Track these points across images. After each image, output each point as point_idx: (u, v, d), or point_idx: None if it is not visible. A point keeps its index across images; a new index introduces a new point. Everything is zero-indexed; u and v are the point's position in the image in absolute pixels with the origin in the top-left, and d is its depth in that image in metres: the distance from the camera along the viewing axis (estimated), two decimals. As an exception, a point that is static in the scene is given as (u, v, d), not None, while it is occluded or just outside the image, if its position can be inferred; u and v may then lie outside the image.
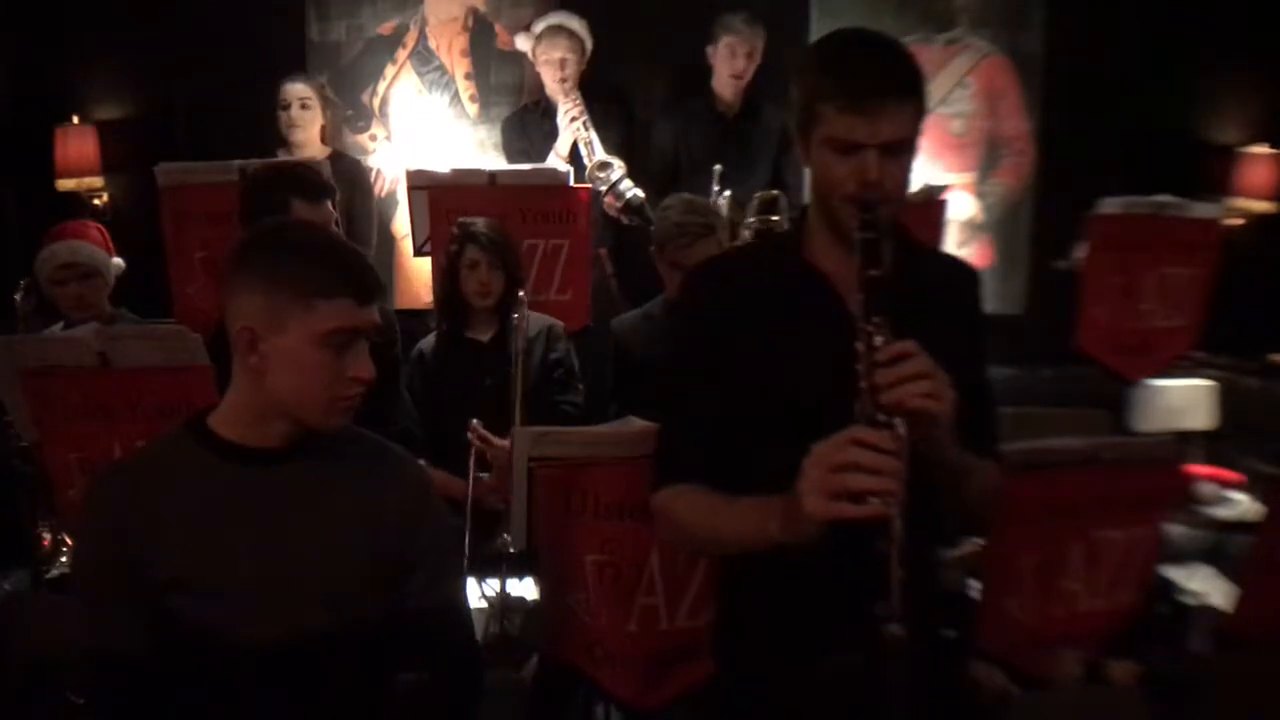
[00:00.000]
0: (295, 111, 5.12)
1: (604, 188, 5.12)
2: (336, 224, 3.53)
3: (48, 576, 3.71)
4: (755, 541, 1.99)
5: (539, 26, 5.45)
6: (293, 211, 3.25)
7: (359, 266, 2.07)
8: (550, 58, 5.36)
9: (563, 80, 5.34)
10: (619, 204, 5.15)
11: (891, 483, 1.79)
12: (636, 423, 2.91)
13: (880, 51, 2.05)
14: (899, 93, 1.99)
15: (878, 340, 1.87)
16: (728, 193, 4.74)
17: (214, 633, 2.02)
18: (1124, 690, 3.04)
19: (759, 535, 1.97)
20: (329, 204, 3.39)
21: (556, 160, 5.25)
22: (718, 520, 2.07)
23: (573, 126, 5.24)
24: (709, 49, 5.43)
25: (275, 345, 2.00)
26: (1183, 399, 4.92)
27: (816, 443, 1.87)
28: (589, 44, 5.43)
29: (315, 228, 2.29)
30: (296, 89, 5.14)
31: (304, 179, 3.37)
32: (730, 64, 5.35)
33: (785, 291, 2.16)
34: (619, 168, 5.14)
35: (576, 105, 5.25)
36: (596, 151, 5.19)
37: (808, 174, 2.18)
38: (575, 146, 5.26)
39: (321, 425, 2.06)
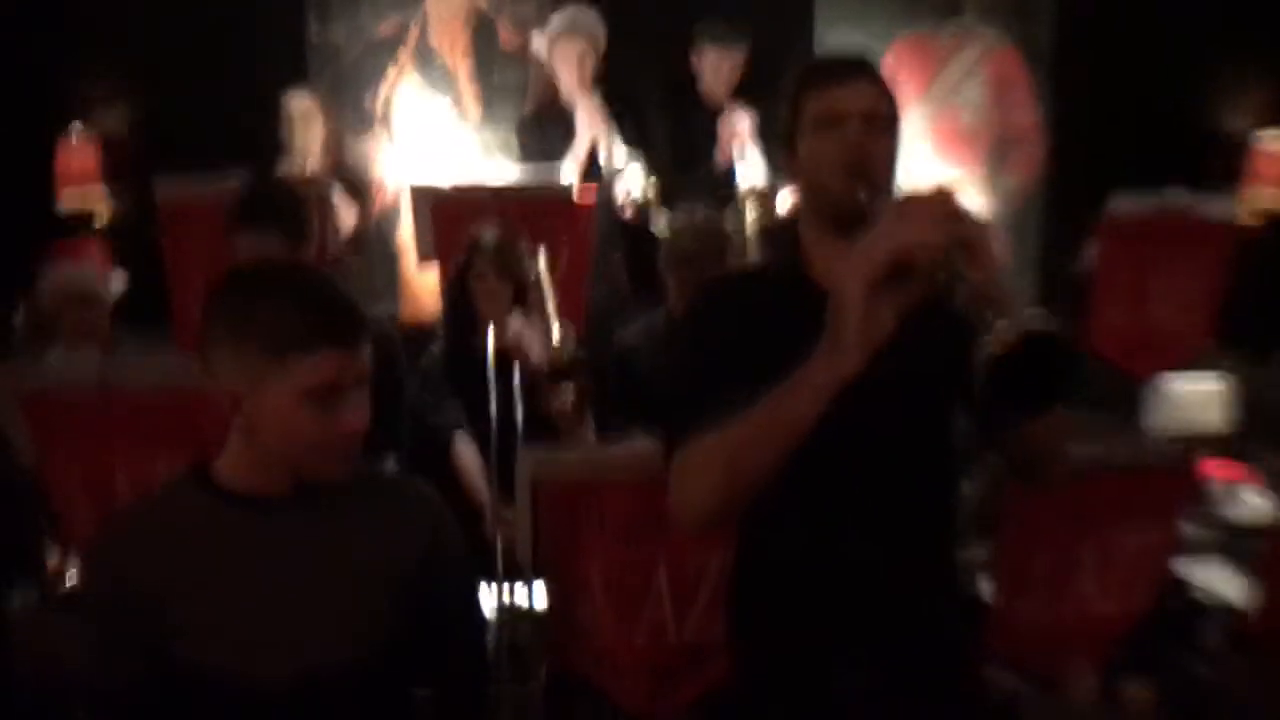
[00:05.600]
0: (297, 125, 5.10)
1: (622, 193, 5.10)
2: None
3: (56, 594, 3.70)
4: (794, 414, 1.85)
5: (555, 24, 5.40)
6: (239, 236, 3.24)
7: (338, 309, 1.90)
8: (568, 55, 5.31)
9: (581, 78, 5.30)
10: (626, 201, 5.12)
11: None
12: (642, 442, 2.89)
13: (849, 53, 2.31)
14: (870, 72, 2.14)
15: None
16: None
17: (226, 677, 1.97)
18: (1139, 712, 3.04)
19: (799, 400, 1.84)
20: (276, 231, 3.34)
21: (573, 163, 5.20)
22: (747, 424, 1.92)
23: (592, 129, 5.21)
24: (693, 56, 5.43)
25: (258, 405, 1.88)
26: (1195, 397, 4.88)
27: (820, 457, 1.87)
28: (603, 41, 5.40)
29: (285, 268, 2.08)
30: (297, 102, 5.12)
31: (251, 206, 3.35)
32: (716, 74, 5.36)
33: (787, 308, 2.14)
34: (635, 169, 5.11)
35: (595, 104, 5.23)
36: (616, 150, 5.16)
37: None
38: (594, 148, 5.24)
39: (321, 477, 1.98)
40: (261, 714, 2.01)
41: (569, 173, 5.11)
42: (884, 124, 2.10)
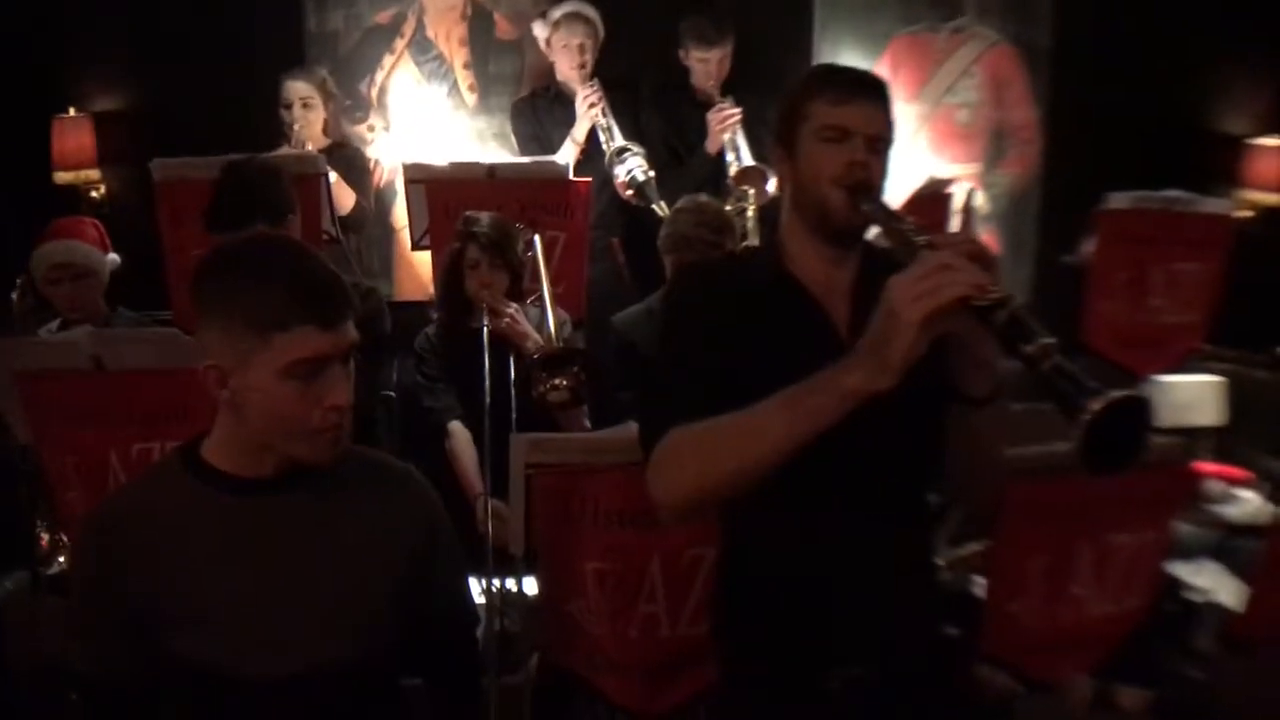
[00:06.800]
0: (297, 111, 5.07)
1: (620, 174, 5.10)
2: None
3: (47, 574, 3.69)
4: (814, 415, 1.86)
5: (557, 13, 5.43)
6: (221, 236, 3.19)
7: (320, 287, 1.90)
8: (570, 44, 5.36)
9: (581, 66, 5.35)
10: (626, 183, 5.11)
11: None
12: (636, 428, 2.87)
13: (864, 71, 2.25)
14: (883, 96, 2.18)
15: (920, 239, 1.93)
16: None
17: (222, 670, 1.95)
18: (1132, 714, 3.03)
19: (823, 402, 1.84)
20: (257, 226, 3.29)
21: (571, 146, 5.26)
22: (756, 416, 1.92)
23: (591, 113, 5.22)
24: (680, 51, 5.43)
25: (242, 382, 1.88)
26: (1191, 394, 4.88)
27: (810, 456, 1.89)
28: (602, 31, 5.44)
29: (273, 246, 2.03)
30: (298, 88, 5.10)
31: (218, 207, 3.34)
32: (703, 70, 5.36)
33: (767, 301, 2.19)
34: (636, 152, 5.12)
35: (595, 92, 5.24)
36: (616, 138, 5.17)
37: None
38: (594, 132, 5.25)
39: (311, 461, 1.96)
40: (253, 706, 1.99)
41: (567, 156, 5.13)
42: (883, 146, 2.15)
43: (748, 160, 5.09)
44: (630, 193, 5.11)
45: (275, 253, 1.96)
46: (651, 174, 5.06)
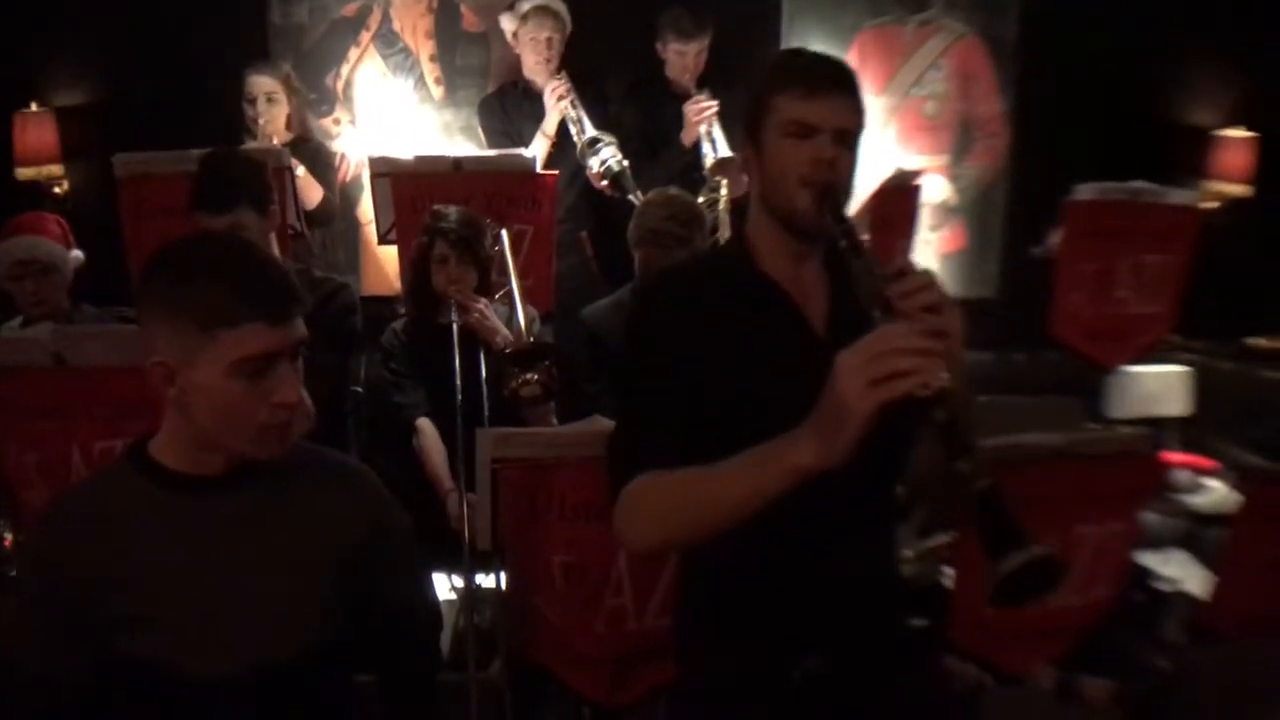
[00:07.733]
0: (261, 105, 5.04)
1: (594, 164, 5.09)
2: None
3: (10, 575, 3.65)
4: (766, 487, 1.84)
5: (525, 6, 5.40)
6: (208, 223, 3.23)
7: (269, 283, 1.89)
8: (537, 38, 5.34)
9: (547, 60, 5.33)
10: (601, 173, 5.10)
11: (937, 353, 1.72)
12: (602, 422, 2.87)
13: (831, 58, 2.16)
14: (850, 87, 2.11)
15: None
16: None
17: (171, 669, 1.94)
18: (1098, 704, 3.03)
19: (774, 476, 1.82)
20: (243, 210, 3.33)
21: (543, 139, 5.25)
22: (712, 482, 1.91)
23: (560, 105, 5.21)
24: (658, 45, 5.44)
25: (189, 380, 1.86)
26: (1158, 385, 4.90)
27: None
28: (569, 26, 5.42)
29: (221, 243, 2.03)
30: (263, 82, 5.06)
31: (205, 189, 3.33)
32: (680, 62, 5.38)
33: (741, 301, 2.15)
34: (609, 142, 5.10)
35: (563, 83, 5.22)
36: (586, 129, 5.15)
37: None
38: (563, 125, 5.24)
39: (257, 455, 1.95)
40: (202, 705, 1.98)
41: (539, 149, 5.12)
42: (852, 139, 2.10)
43: (724, 151, 5.08)
44: (605, 183, 5.09)
45: (222, 249, 1.95)
46: (626, 163, 5.05)
